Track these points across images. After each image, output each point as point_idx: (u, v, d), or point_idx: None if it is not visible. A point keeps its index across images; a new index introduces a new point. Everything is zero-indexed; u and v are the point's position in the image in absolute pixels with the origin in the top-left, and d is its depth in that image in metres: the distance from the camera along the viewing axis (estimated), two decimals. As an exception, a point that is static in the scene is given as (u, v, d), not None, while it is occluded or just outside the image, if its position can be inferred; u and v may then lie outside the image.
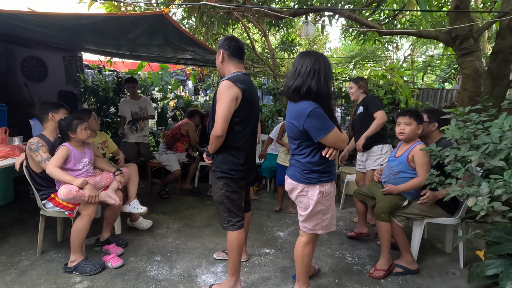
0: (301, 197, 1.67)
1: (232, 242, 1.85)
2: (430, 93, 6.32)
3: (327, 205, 1.67)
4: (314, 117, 1.49)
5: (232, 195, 1.83)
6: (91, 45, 3.78)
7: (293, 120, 1.57)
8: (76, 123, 2.19)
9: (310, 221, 1.70)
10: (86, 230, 2.10)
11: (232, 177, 1.79)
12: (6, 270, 2.12)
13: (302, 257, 1.75)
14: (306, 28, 3.62)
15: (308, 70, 1.51)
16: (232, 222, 1.85)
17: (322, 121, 1.49)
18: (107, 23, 2.40)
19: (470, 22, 3.08)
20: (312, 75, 1.50)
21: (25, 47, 4.54)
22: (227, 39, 1.81)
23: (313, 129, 1.50)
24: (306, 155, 1.60)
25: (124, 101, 4.04)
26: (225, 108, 1.64)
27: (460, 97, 3.42)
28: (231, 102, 1.65)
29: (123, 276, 2.10)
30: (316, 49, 11.62)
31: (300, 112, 1.52)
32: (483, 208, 1.41)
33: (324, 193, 1.63)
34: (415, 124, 2.15)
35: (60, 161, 2.10)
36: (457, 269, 2.27)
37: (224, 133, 1.68)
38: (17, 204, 3.35)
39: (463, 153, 1.62)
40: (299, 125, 1.53)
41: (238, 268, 1.90)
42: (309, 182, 1.61)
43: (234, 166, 1.78)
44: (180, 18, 5.25)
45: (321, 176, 1.61)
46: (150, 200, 3.58)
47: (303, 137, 1.58)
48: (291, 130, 1.62)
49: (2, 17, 2.19)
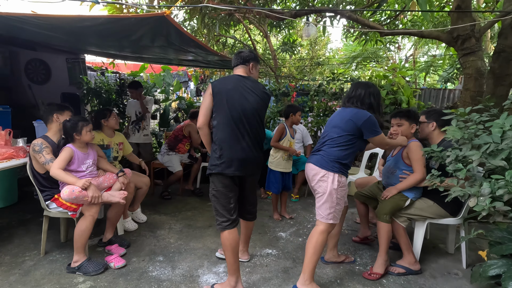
0: (321, 182, 1.91)
1: (224, 242, 1.87)
2: (432, 93, 6.30)
3: (341, 195, 1.92)
4: (372, 121, 1.89)
5: (217, 193, 1.88)
6: (93, 47, 3.81)
7: (353, 118, 1.90)
8: (82, 125, 2.21)
9: (325, 208, 1.90)
10: (89, 230, 2.11)
11: (212, 172, 1.88)
12: (10, 270, 2.15)
13: (315, 244, 1.87)
14: (307, 29, 3.63)
15: (367, 92, 1.97)
16: (218, 221, 1.89)
17: (376, 125, 1.90)
18: (109, 25, 2.42)
19: (471, 21, 3.08)
20: (368, 94, 1.96)
21: (29, 50, 4.58)
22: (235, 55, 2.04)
23: (367, 129, 1.88)
24: (341, 147, 1.90)
25: (129, 102, 4.20)
26: (203, 102, 1.90)
27: (462, 97, 3.41)
28: (207, 96, 1.88)
29: (126, 276, 2.11)
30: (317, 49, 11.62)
31: (362, 114, 1.89)
32: (485, 209, 1.41)
33: (340, 183, 1.90)
34: (407, 124, 2.23)
35: (64, 162, 2.12)
36: (459, 270, 2.26)
37: (202, 125, 1.88)
38: (21, 205, 3.38)
39: (464, 153, 1.62)
40: (358, 122, 1.87)
41: (237, 267, 1.91)
42: (332, 170, 1.89)
43: (213, 160, 1.88)
44: (182, 20, 5.28)
45: (342, 168, 1.91)
46: (153, 201, 3.60)
47: (354, 132, 1.89)
48: (346, 124, 1.91)
49: (6, 20, 2.21)
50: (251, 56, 1.98)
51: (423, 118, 2.31)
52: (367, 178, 3.05)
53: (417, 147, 2.15)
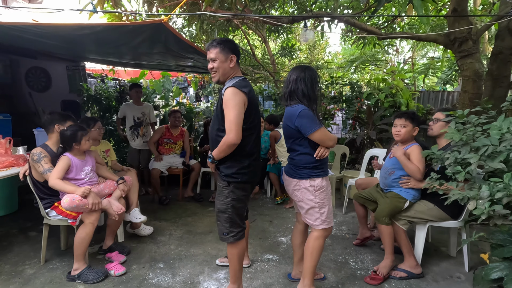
0: (296, 191, 1.86)
1: (232, 251, 1.84)
2: (431, 96, 6.29)
3: (320, 198, 1.81)
4: (303, 116, 1.72)
5: (237, 203, 1.79)
6: (93, 54, 3.84)
7: (287, 120, 1.80)
8: (81, 135, 2.21)
9: (310, 215, 1.84)
10: (89, 238, 2.11)
11: (237, 181, 1.76)
12: (10, 279, 2.14)
13: (312, 249, 1.83)
14: (304, 34, 3.66)
15: (295, 78, 1.80)
16: (233, 232, 1.81)
17: (310, 120, 1.72)
18: (108, 32, 2.44)
19: (468, 24, 3.10)
20: (299, 82, 1.79)
21: (30, 58, 4.60)
22: (237, 45, 1.84)
23: (302, 126, 1.73)
24: (298, 152, 1.81)
25: (126, 105, 4.05)
26: (236, 114, 1.64)
27: (461, 99, 3.42)
28: (240, 108, 1.66)
29: (126, 284, 2.10)
30: (316, 53, 11.69)
31: (292, 113, 1.76)
32: (484, 212, 1.40)
33: (315, 187, 1.80)
34: (411, 126, 2.23)
35: (62, 172, 2.13)
36: (462, 273, 2.24)
37: (240, 140, 1.65)
38: (21, 213, 3.38)
39: (463, 155, 1.61)
40: (291, 123, 1.76)
41: (240, 275, 1.90)
42: (300, 177, 1.81)
43: (239, 169, 1.76)
44: (180, 27, 5.32)
45: (312, 171, 1.80)
46: (152, 207, 3.59)
47: (295, 135, 1.79)
48: (286, 130, 1.84)
49: (7, 29, 2.24)
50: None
51: (439, 115, 2.23)
52: (368, 178, 3.04)
53: (419, 149, 2.16)
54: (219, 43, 1.74)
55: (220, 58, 1.73)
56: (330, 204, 1.89)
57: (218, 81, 1.79)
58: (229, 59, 1.75)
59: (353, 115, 4.63)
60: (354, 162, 4.64)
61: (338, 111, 5.10)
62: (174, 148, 3.91)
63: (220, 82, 1.79)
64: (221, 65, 1.74)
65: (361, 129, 4.92)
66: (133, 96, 4.00)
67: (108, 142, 3.09)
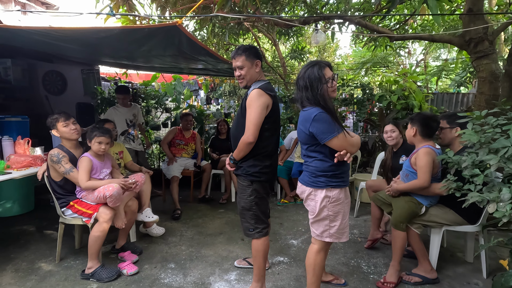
0: (309, 201, 1.69)
1: (258, 248, 1.89)
2: (445, 98, 6.17)
3: (334, 211, 1.64)
4: (319, 121, 1.52)
5: (260, 201, 1.89)
6: (107, 58, 3.92)
7: (301, 125, 1.62)
8: (94, 135, 2.26)
9: (318, 226, 1.69)
10: (103, 236, 2.15)
11: (259, 180, 1.84)
12: (27, 276, 2.19)
13: (314, 266, 1.73)
14: (315, 36, 3.65)
15: (301, 76, 1.61)
16: (259, 228, 1.89)
17: (327, 125, 1.52)
18: (123, 35, 2.50)
19: (484, 24, 3.03)
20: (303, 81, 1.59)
21: (46, 62, 4.75)
22: (259, 50, 1.94)
23: (318, 132, 1.53)
24: (314, 159, 1.63)
25: (114, 109, 3.67)
26: (257, 115, 1.72)
27: (477, 101, 3.33)
28: (263, 109, 1.73)
29: (138, 283, 2.12)
30: (326, 56, 11.63)
31: (306, 117, 1.57)
32: (505, 215, 1.36)
33: (331, 198, 1.61)
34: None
35: (88, 174, 2.21)
36: (479, 279, 2.18)
37: (256, 139, 1.74)
38: (38, 212, 3.47)
39: (481, 157, 1.57)
40: (306, 129, 1.58)
41: (263, 274, 1.93)
42: (316, 186, 1.62)
43: (261, 169, 1.84)
44: (192, 30, 5.39)
45: (329, 180, 1.60)
46: (164, 208, 3.63)
47: (310, 141, 1.62)
48: (300, 135, 1.67)
49: (28, 33, 2.32)
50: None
51: (444, 124, 2.16)
52: (379, 180, 2.99)
53: (424, 154, 2.05)
54: (244, 51, 1.82)
55: (247, 65, 1.82)
56: (346, 219, 1.69)
57: (245, 86, 1.88)
58: (254, 64, 1.84)
59: (364, 117, 4.58)
60: (365, 165, 4.58)
61: (349, 114, 5.05)
62: (186, 149, 3.94)
63: (248, 86, 1.88)
64: (248, 71, 1.83)
65: (372, 131, 4.86)
66: (120, 99, 3.71)
67: (122, 144, 3.13)
